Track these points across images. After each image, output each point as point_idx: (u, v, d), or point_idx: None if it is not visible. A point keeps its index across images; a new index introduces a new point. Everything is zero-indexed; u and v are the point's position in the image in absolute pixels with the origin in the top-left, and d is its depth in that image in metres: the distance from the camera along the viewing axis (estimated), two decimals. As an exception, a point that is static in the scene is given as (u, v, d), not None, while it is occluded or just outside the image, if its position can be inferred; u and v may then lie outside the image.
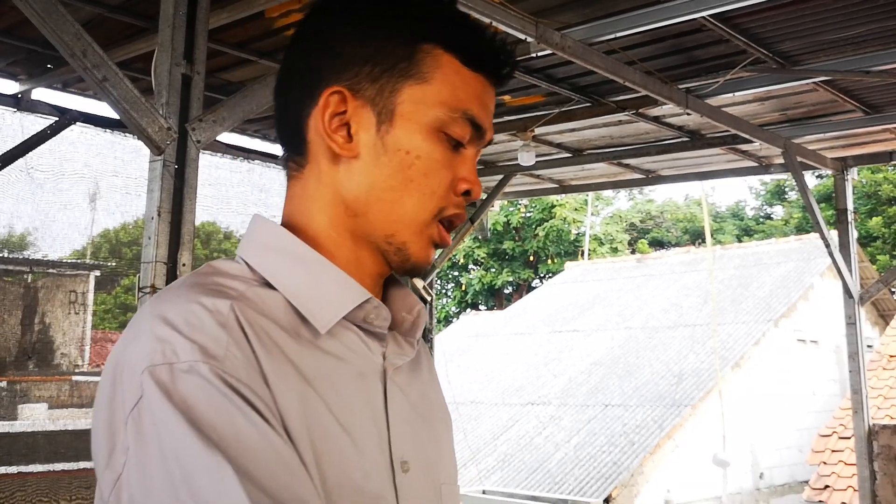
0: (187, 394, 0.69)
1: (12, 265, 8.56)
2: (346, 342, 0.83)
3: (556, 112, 5.28)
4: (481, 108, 0.87)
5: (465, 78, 0.85)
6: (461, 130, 0.85)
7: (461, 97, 0.85)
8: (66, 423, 7.96)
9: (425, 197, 0.84)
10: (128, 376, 0.72)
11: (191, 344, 0.72)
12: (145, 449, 0.68)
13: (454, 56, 0.85)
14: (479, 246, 25.64)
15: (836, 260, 6.35)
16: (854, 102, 5.19)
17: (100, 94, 2.54)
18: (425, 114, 0.83)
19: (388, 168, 0.83)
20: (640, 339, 13.65)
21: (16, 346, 7.95)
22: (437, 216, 0.85)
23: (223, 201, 6.06)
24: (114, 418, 0.72)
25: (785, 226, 26.90)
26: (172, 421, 0.68)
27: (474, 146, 0.88)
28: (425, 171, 0.83)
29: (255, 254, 0.85)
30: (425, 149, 0.83)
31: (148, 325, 0.74)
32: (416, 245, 0.85)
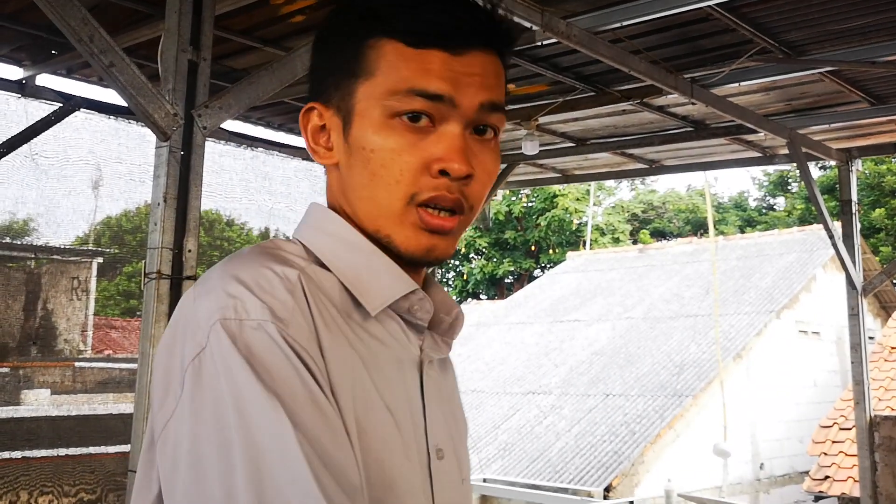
0: (255, 347, 0.73)
1: (16, 251, 8.57)
2: (389, 329, 0.86)
3: (560, 101, 5.27)
4: (437, 79, 0.83)
5: (410, 58, 0.83)
6: (410, 105, 0.83)
7: (406, 76, 0.83)
8: (69, 409, 7.99)
9: (390, 186, 0.84)
10: (193, 327, 0.75)
11: (261, 304, 0.75)
12: (201, 394, 0.72)
13: (397, 41, 0.84)
14: (481, 235, 25.64)
15: (839, 251, 6.34)
16: (860, 93, 5.18)
17: (106, 79, 2.54)
18: (375, 106, 0.84)
19: (356, 168, 0.86)
20: (642, 330, 13.66)
21: (19, 332, 7.97)
22: (411, 202, 0.84)
23: (227, 188, 6.06)
24: (171, 364, 0.75)
25: (788, 217, 26.87)
26: (239, 368, 0.71)
27: (452, 121, 0.84)
28: (382, 162, 0.83)
29: (311, 236, 0.89)
30: (377, 141, 0.84)
31: (220, 283, 0.78)
32: (400, 236, 0.85)
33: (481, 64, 0.86)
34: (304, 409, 0.72)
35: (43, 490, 6.31)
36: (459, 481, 0.91)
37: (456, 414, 0.97)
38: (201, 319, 0.75)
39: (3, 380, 8.40)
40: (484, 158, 0.87)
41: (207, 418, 0.71)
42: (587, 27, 3.93)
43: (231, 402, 0.70)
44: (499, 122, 0.88)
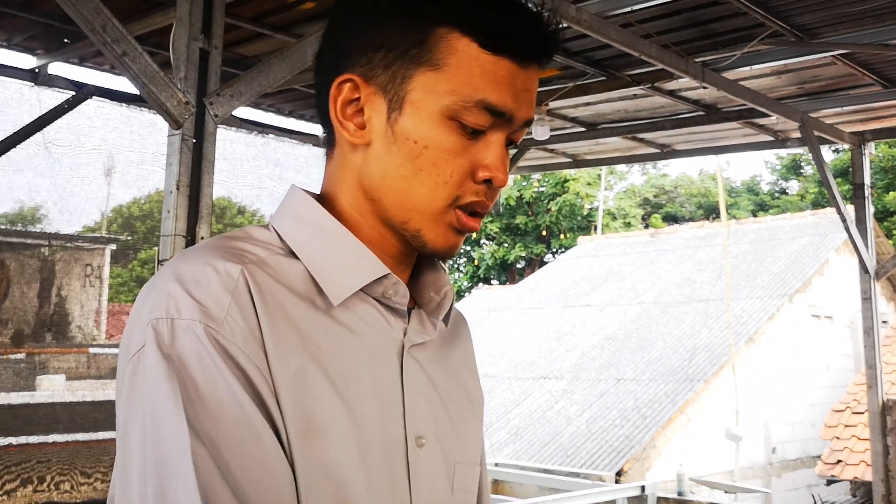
0: (181, 350, 0.73)
1: (31, 238, 8.64)
2: (362, 315, 0.84)
3: (570, 86, 5.26)
4: (506, 94, 0.82)
5: (484, 63, 0.81)
6: (476, 119, 0.81)
7: (477, 84, 0.80)
8: (84, 395, 8.07)
9: (437, 186, 0.82)
10: (137, 326, 0.76)
11: (193, 302, 0.75)
12: (133, 395, 0.73)
13: (472, 40, 0.80)
14: (492, 220, 25.62)
15: (852, 235, 6.32)
16: (872, 76, 5.14)
17: (119, 68, 2.56)
18: (435, 102, 0.81)
19: (398, 157, 0.83)
20: (653, 314, 13.65)
21: (34, 319, 8.04)
22: (453, 204, 0.83)
23: (238, 176, 6.09)
24: (123, 358, 0.77)
25: (801, 201, 26.71)
26: (159, 373, 0.72)
27: (501, 131, 0.84)
28: (434, 160, 0.82)
29: (284, 223, 0.87)
30: (434, 138, 0.81)
31: (162, 281, 0.78)
32: (431, 232, 0.85)
33: (534, 80, 0.86)
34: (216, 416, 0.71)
35: (60, 474, 6.39)
36: (444, 467, 0.88)
37: (456, 396, 0.94)
38: (143, 317, 0.76)
39: (19, 366, 8.49)
40: (505, 168, 0.87)
41: (135, 421, 0.73)
42: (597, 11, 3.92)
43: (149, 408, 0.72)
44: (521, 136, 0.89)
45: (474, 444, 0.96)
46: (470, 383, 0.99)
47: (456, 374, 0.96)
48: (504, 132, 0.85)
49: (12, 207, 8.86)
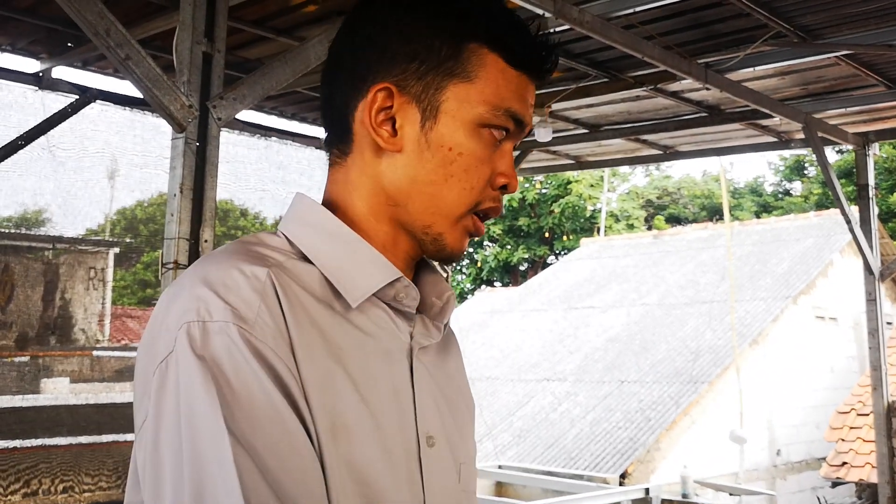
0: (214, 352, 0.73)
1: (34, 242, 8.65)
2: (375, 319, 0.86)
3: (573, 87, 5.25)
4: (523, 105, 0.89)
5: (509, 76, 0.88)
6: (504, 125, 0.88)
7: (504, 95, 0.87)
8: (87, 397, 8.07)
9: (465, 192, 0.87)
10: (164, 331, 0.76)
11: (224, 305, 0.76)
12: (165, 399, 0.73)
13: (499, 55, 0.87)
14: (495, 222, 25.60)
15: (856, 236, 6.31)
16: (876, 77, 5.13)
17: (122, 72, 2.57)
18: (469, 112, 0.86)
19: (430, 163, 0.86)
20: (657, 316, 13.63)
21: (38, 322, 8.04)
22: (474, 209, 0.89)
23: (241, 179, 6.09)
24: (147, 366, 0.77)
25: (804, 202, 26.67)
26: (194, 376, 0.73)
27: (512, 140, 0.91)
28: (466, 167, 0.86)
29: (295, 229, 0.88)
30: (467, 146, 0.86)
31: (189, 285, 0.78)
32: (451, 236, 0.89)
33: (533, 92, 0.92)
34: (252, 418, 0.72)
35: (63, 478, 6.39)
36: (453, 467, 0.91)
37: (455, 399, 0.97)
38: (171, 322, 0.76)
39: (24, 369, 8.49)
40: None
41: (168, 425, 0.73)
42: (600, 13, 3.92)
43: (185, 412, 0.72)
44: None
45: (472, 446, 1.00)
46: (464, 388, 1.03)
47: (453, 378, 0.99)
48: (514, 141, 0.91)
49: (17, 211, 8.87)
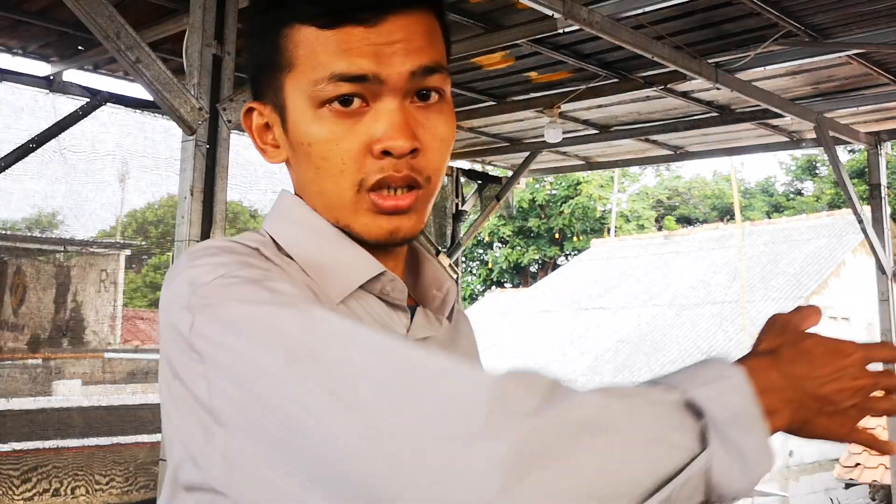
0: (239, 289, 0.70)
1: (46, 244, 8.70)
2: (367, 310, 0.84)
3: (582, 88, 5.24)
4: (358, 57, 0.78)
5: (325, 41, 0.79)
6: (337, 93, 0.79)
7: (324, 62, 0.79)
8: (99, 399, 8.11)
9: (336, 178, 0.81)
10: (177, 308, 0.72)
11: (235, 258, 0.75)
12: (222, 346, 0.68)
13: (308, 26, 0.80)
14: (505, 224, 25.60)
15: (868, 236, 6.27)
16: (888, 75, 5.10)
17: (133, 75, 2.58)
18: (301, 98, 0.81)
19: (301, 163, 0.83)
20: (668, 317, 13.59)
21: (50, 324, 8.08)
22: (361, 189, 0.81)
23: (251, 181, 6.11)
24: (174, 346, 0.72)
25: (816, 202, 26.56)
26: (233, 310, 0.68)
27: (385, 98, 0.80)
28: (322, 154, 0.81)
29: (277, 225, 0.86)
30: (312, 133, 0.81)
31: (183, 265, 0.76)
32: (357, 223, 0.83)
33: (403, 28, 0.80)
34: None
35: (75, 479, 6.43)
36: None
37: None
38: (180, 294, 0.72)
39: (36, 371, 8.54)
40: (431, 125, 0.82)
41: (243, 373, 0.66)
42: (609, 13, 3.91)
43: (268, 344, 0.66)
44: (441, 83, 0.83)
45: None
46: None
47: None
48: (390, 96, 0.80)
49: (30, 213, 8.93)
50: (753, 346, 0.75)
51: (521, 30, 4.24)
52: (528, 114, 5.86)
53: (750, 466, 0.63)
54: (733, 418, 0.64)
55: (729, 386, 0.65)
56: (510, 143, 6.92)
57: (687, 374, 0.68)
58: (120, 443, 6.81)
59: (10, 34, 4.57)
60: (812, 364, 0.71)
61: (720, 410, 0.64)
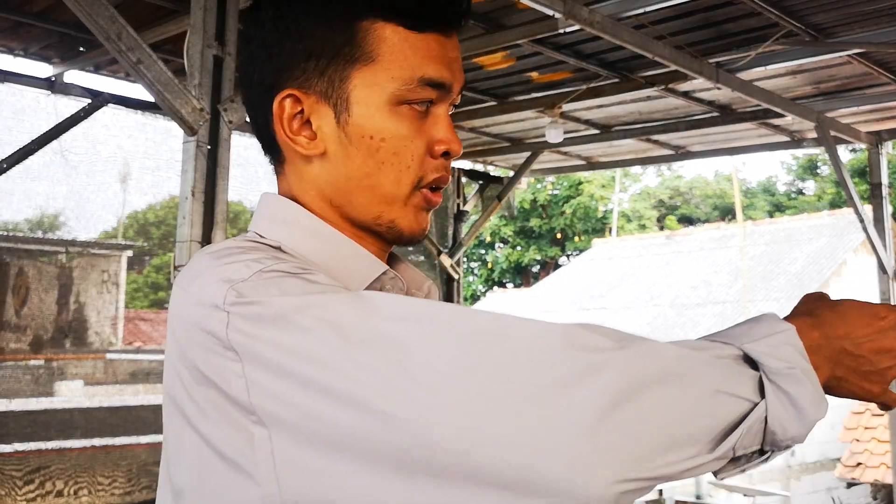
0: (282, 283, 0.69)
1: (48, 245, 8.71)
2: None
3: (583, 88, 5.24)
4: (441, 65, 0.83)
5: (414, 43, 0.81)
6: (422, 96, 0.82)
7: (413, 64, 0.81)
8: (101, 400, 8.12)
9: (402, 174, 0.83)
10: (204, 309, 0.70)
11: (267, 255, 0.74)
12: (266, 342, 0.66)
13: (396, 24, 0.81)
14: (506, 224, 25.61)
15: (870, 235, 6.27)
16: (889, 75, 5.10)
17: (134, 76, 2.58)
18: (380, 94, 0.81)
19: (358, 157, 0.82)
20: (669, 317, 13.59)
21: (52, 325, 8.09)
22: (418, 186, 0.84)
23: (253, 181, 6.11)
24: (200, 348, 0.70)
25: (818, 201, 26.55)
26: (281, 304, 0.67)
27: (443, 104, 0.85)
28: (394, 150, 0.82)
29: (270, 227, 0.85)
30: (388, 129, 0.82)
31: (207, 265, 0.74)
32: (404, 219, 0.85)
33: (457, 45, 0.87)
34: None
35: (77, 480, 6.43)
36: None
37: None
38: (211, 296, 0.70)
39: (38, 372, 8.55)
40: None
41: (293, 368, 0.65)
42: (610, 13, 3.91)
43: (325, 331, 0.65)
44: (458, 100, 0.89)
45: None
46: None
47: None
48: (446, 104, 0.86)
49: (32, 215, 8.95)
50: (792, 310, 0.80)
51: (522, 30, 4.24)
52: (530, 114, 5.86)
53: (804, 414, 0.69)
54: (787, 369, 0.69)
55: (780, 340, 0.70)
56: (511, 143, 6.92)
57: (740, 330, 0.73)
58: (121, 443, 6.81)
59: (11, 35, 4.57)
60: (849, 324, 0.76)
61: (774, 362, 0.69)
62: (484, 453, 0.60)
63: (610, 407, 0.61)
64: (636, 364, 0.64)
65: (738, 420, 0.67)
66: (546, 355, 0.64)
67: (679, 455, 0.64)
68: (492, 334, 0.65)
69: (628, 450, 0.61)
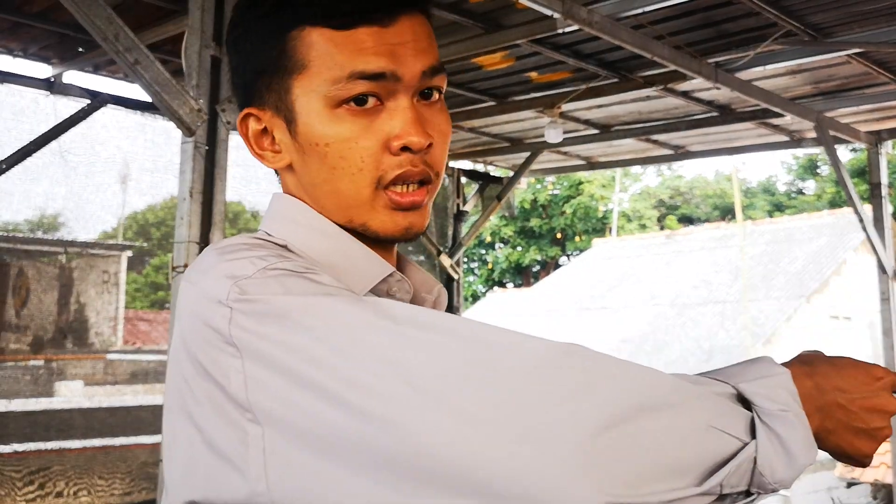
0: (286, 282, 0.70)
1: (48, 246, 8.72)
2: None
3: (583, 88, 5.24)
4: (374, 56, 0.80)
5: (341, 41, 0.80)
6: (356, 91, 0.80)
7: (341, 62, 0.80)
8: (100, 401, 8.13)
9: (355, 176, 0.81)
10: (208, 304, 0.71)
11: (273, 252, 0.75)
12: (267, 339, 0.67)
13: (322, 27, 0.80)
14: (506, 224, 25.60)
15: (869, 235, 6.26)
16: (888, 74, 5.10)
17: (131, 76, 2.58)
18: (317, 99, 0.81)
19: (312, 164, 0.83)
20: (670, 316, 13.59)
21: (52, 326, 8.10)
22: (379, 186, 0.82)
23: (251, 181, 6.11)
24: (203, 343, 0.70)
25: (818, 201, 26.53)
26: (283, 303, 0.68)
27: (398, 96, 0.82)
28: (340, 153, 0.81)
29: (279, 227, 0.86)
30: (331, 133, 0.81)
31: (213, 261, 0.75)
32: (374, 221, 0.83)
33: (412, 29, 0.83)
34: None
35: (76, 480, 6.44)
36: None
37: None
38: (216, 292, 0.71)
39: (38, 372, 8.56)
40: (436, 122, 0.84)
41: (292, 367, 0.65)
42: (609, 13, 3.91)
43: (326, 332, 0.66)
44: (441, 82, 0.85)
45: None
46: None
47: None
48: (403, 94, 0.82)
49: (32, 215, 8.95)
50: (788, 360, 0.79)
51: (521, 30, 4.24)
52: (529, 114, 5.86)
53: (793, 457, 0.69)
54: (780, 411, 0.69)
55: (775, 383, 0.70)
56: (511, 143, 6.92)
57: (736, 369, 0.74)
58: (121, 444, 6.82)
59: (10, 36, 4.57)
60: (845, 379, 0.76)
61: (768, 403, 0.69)
62: (475, 463, 0.60)
63: (603, 427, 0.61)
64: (632, 388, 0.65)
65: (727, 457, 0.66)
66: (544, 371, 0.64)
67: (667, 484, 0.63)
68: (491, 347, 0.65)
69: (618, 472, 0.61)
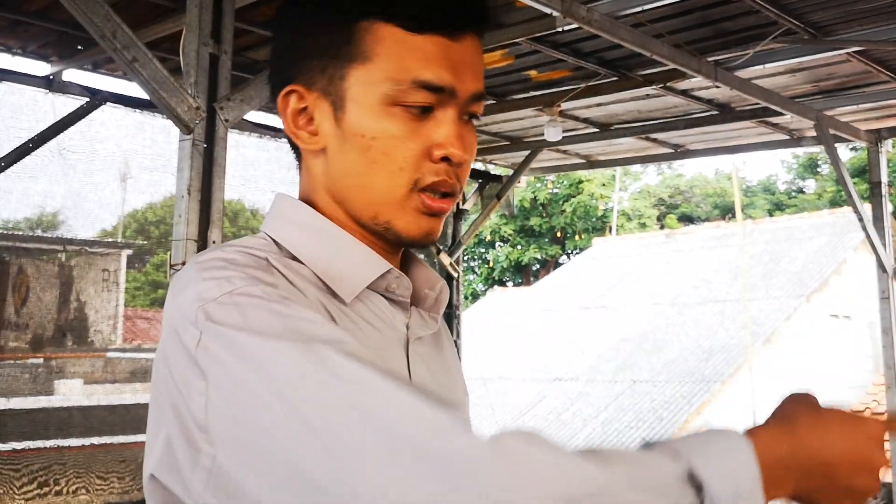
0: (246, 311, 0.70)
1: (48, 244, 8.72)
2: (374, 310, 0.86)
3: (582, 86, 5.24)
4: (441, 69, 0.82)
5: (412, 45, 0.81)
6: (415, 99, 0.82)
7: (409, 66, 0.81)
8: (100, 399, 8.13)
9: (393, 174, 0.83)
10: (183, 321, 0.72)
11: (243, 273, 0.74)
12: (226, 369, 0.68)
13: (395, 25, 0.81)
14: (506, 222, 25.59)
15: (869, 234, 6.26)
16: (888, 73, 5.09)
17: (130, 74, 2.58)
18: (373, 93, 0.82)
19: (351, 154, 0.84)
20: (669, 315, 13.58)
21: (51, 324, 8.09)
22: (414, 188, 0.83)
23: (250, 180, 6.10)
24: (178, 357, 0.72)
25: (818, 200, 26.50)
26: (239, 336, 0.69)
27: (449, 108, 0.84)
28: (384, 149, 0.82)
29: (279, 228, 0.87)
30: (379, 128, 0.82)
31: (191, 276, 0.76)
32: (401, 221, 0.85)
33: (474, 49, 0.85)
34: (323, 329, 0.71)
35: (75, 479, 6.43)
36: None
37: (451, 387, 0.97)
38: (189, 308, 0.72)
39: (37, 370, 8.56)
40: (470, 143, 0.86)
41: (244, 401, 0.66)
42: (608, 12, 3.90)
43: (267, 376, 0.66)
44: (481, 109, 0.88)
45: None
46: (459, 378, 1.02)
47: (448, 368, 0.98)
48: (453, 108, 0.84)
49: (31, 213, 8.95)
50: (774, 411, 0.75)
51: (521, 28, 4.23)
52: (529, 112, 5.85)
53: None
54: (734, 496, 0.63)
55: (734, 463, 0.65)
56: (510, 141, 6.91)
57: (693, 442, 0.68)
58: (120, 442, 6.82)
59: (9, 34, 4.57)
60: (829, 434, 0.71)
61: (722, 487, 0.63)
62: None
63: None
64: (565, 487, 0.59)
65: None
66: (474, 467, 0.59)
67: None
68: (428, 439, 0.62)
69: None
